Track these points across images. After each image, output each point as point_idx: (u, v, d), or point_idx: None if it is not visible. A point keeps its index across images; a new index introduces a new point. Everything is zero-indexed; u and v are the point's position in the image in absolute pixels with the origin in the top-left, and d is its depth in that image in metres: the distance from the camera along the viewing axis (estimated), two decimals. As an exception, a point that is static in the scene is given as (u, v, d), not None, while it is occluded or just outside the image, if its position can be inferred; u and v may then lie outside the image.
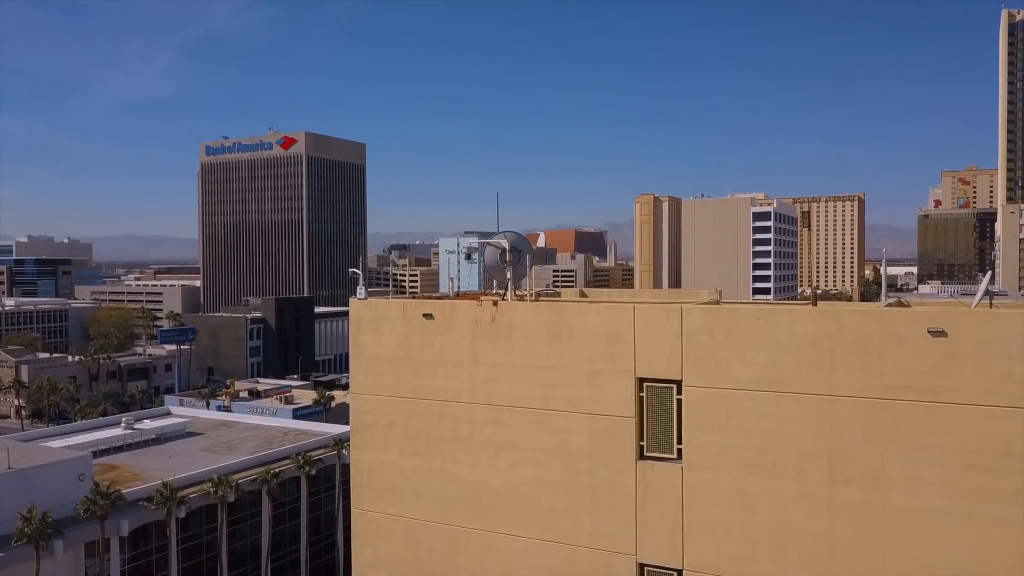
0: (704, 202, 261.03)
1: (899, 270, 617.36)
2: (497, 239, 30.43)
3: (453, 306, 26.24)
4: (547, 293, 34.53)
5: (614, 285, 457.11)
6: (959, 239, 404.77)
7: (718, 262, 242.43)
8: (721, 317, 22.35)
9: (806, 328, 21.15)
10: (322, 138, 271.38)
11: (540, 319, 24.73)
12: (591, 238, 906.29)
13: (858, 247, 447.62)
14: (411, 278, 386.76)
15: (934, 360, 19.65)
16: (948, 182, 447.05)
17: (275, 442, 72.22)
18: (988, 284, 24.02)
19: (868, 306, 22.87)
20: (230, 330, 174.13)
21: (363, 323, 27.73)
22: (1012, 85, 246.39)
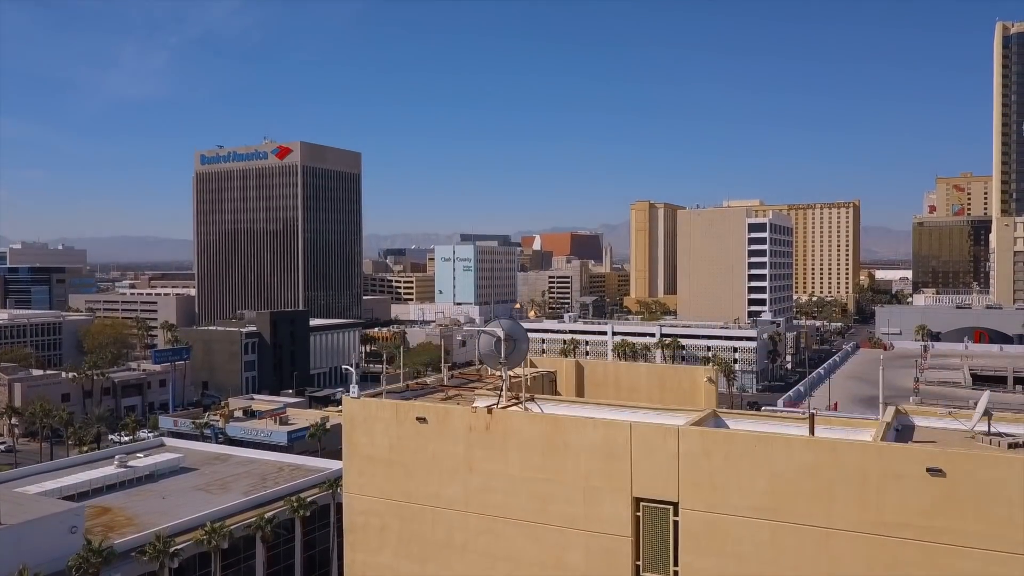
0: (699, 213, 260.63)
1: (894, 274, 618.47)
2: (492, 327, 30.21)
3: (447, 411, 25.99)
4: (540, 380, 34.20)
5: (609, 292, 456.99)
6: (953, 246, 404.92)
7: (714, 273, 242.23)
8: (718, 441, 22.15)
9: (804, 458, 20.96)
10: (317, 148, 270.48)
11: (535, 431, 24.50)
12: (587, 241, 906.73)
13: (853, 253, 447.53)
14: (406, 285, 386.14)
15: (932, 499, 19.47)
16: (943, 188, 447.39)
17: (269, 479, 71.68)
18: (987, 404, 23.91)
19: (866, 437, 22.61)
20: (225, 344, 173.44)
21: (356, 422, 27.47)
22: (1006, 97, 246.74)
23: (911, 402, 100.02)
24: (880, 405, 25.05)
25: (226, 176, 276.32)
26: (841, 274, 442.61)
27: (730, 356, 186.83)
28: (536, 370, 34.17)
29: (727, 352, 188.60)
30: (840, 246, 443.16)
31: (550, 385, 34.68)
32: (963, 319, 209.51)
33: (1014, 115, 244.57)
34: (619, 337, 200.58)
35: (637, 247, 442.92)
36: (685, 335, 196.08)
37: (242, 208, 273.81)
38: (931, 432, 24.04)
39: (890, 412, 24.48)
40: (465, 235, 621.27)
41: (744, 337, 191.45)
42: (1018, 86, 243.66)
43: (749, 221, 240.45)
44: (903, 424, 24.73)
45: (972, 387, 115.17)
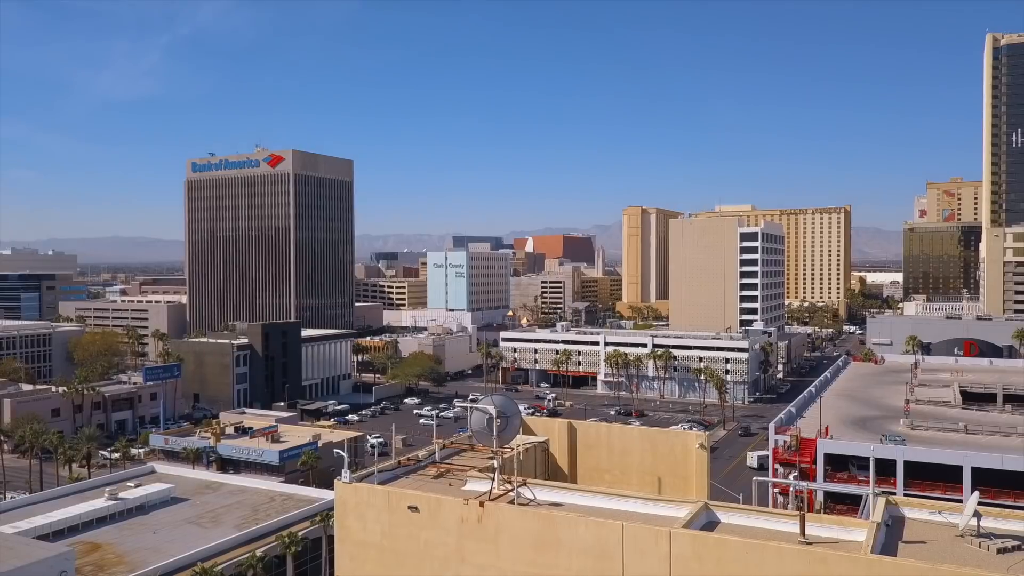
0: (692, 222, 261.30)
1: (885, 277, 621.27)
2: (484, 404, 30.19)
3: (439, 502, 25.94)
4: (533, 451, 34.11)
5: (601, 297, 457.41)
6: (944, 251, 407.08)
7: (706, 281, 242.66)
8: (710, 546, 22.18)
9: (795, 569, 21.01)
10: (310, 156, 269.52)
11: (528, 526, 24.49)
12: (579, 243, 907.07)
13: (844, 258, 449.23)
14: (399, 290, 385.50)
15: (923, 616, 19.53)
16: (933, 193, 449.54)
17: (261, 511, 71.54)
18: (976, 503, 24.01)
19: (858, 538, 22.67)
20: (216, 356, 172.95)
21: (348, 507, 27.41)
22: (996, 108, 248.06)
23: (902, 424, 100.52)
24: (871, 497, 25.14)
25: (218, 184, 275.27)
26: (832, 279, 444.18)
27: (722, 367, 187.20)
28: (528, 440, 34.14)
29: (719, 363, 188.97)
30: (831, 251, 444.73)
31: (543, 455, 34.67)
32: (953, 329, 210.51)
33: (1004, 125, 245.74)
34: (611, 347, 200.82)
35: (629, 252, 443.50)
36: (677, 345, 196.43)
37: (234, 216, 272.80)
38: (921, 528, 24.13)
39: (880, 507, 24.55)
40: (458, 237, 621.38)
41: (736, 348, 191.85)
42: (1008, 96, 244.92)
43: (741, 230, 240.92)
44: (893, 517, 24.81)
45: (962, 406, 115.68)
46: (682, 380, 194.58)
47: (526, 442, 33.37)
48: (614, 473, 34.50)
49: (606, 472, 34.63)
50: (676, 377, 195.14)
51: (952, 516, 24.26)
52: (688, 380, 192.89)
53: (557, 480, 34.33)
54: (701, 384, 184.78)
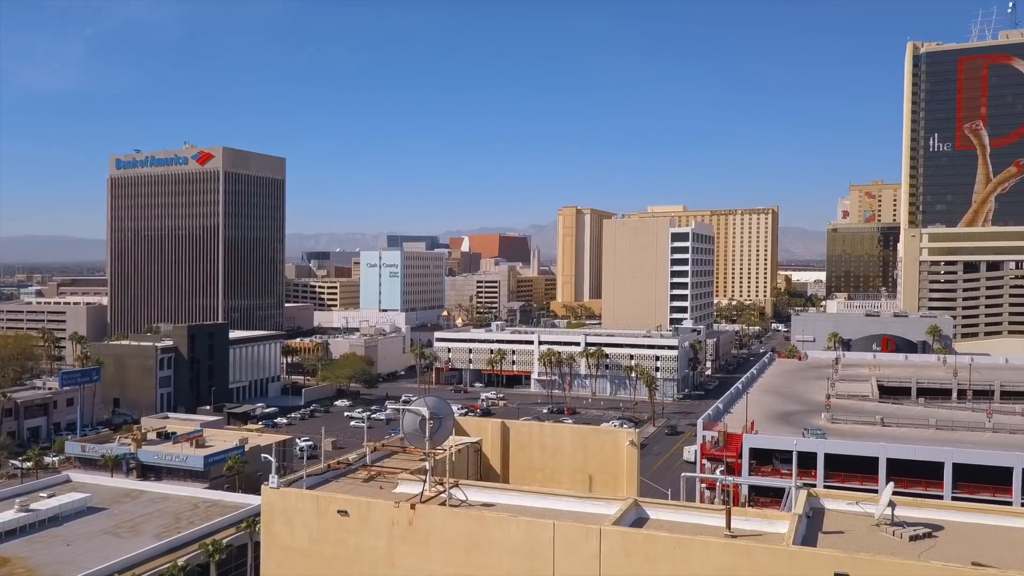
0: (624, 222, 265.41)
1: (809, 276, 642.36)
2: (416, 406, 29.94)
3: (369, 506, 25.62)
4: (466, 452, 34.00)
5: (537, 296, 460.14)
6: (864, 251, 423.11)
7: (638, 281, 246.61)
8: (639, 542, 22.49)
9: (721, 562, 21.48)
10: (240, 153, 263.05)
11: (459, 528, 24.39)
12: (515, 243, 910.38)
13: (771, 257, 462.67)
14: (330, 291, 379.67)
15: (841, 603, 20.18)
16: (856, 195, 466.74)
17: (183, 519, 69.38)
18: (892, 494, 24.99)
19: (780, 529, 23.33)
20: (138, 360, 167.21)
21: (275, 513, 26.81)
22: (915, 114, 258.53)
23: (823, 418, 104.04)
24: (793, 490, 25.91)
25: (143, 181, 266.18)
26: (760, 278, 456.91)
27: (652, 365, 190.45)
28: (461, 440, 34.00)
29: (649, 360, 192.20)
30: (759, 251, 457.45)
31: (476, 456, 34.60)
32: (872, 326, 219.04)
33: (922, 130, 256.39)
34: (545, 346, 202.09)
35: (564, 252, 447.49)
36: (609, 344, 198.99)
37: (159, 214, 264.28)
38: (840, 519, 24.96)
39: (802, 499, 25.31)
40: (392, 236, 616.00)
41: (666, 346, 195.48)
42: (926, 102, 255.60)
43: (672, 231, 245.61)
44: (814, 509, 25.60)
45: (879, 400, 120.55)
46: (614, 378, 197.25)
47: (459, 443, 33.24)
48: (546, 472, 34.68)
49: (538, 471, 34.79)
50: (608, 375, 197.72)
51: (868, 506, 25.18)
52: (619, 378, 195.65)
53: (490, 480, 34.33)
54: (632, 382, 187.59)
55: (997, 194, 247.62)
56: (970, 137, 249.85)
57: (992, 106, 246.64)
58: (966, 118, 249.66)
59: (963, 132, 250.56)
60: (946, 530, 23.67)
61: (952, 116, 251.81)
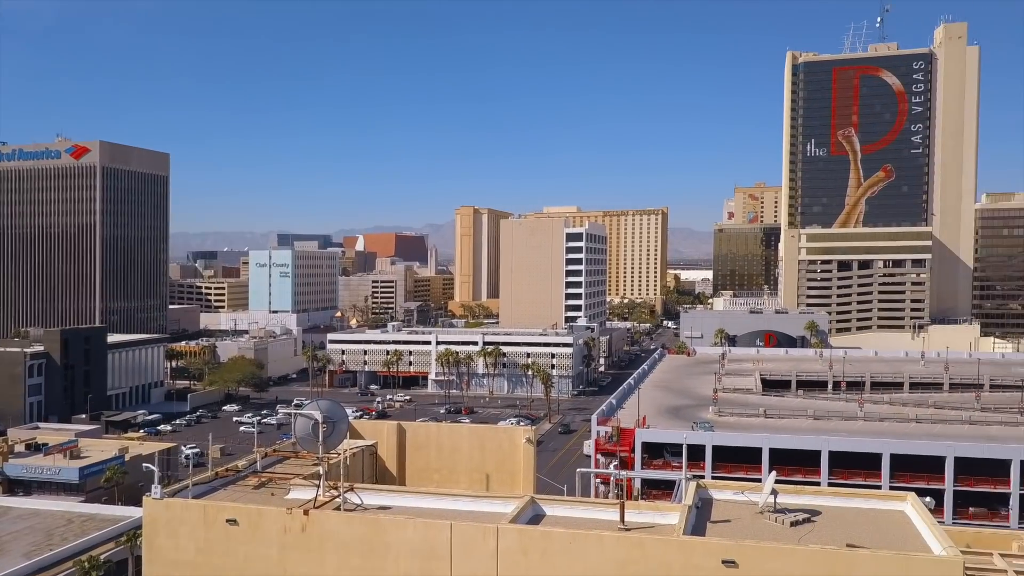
0: (521, 222, 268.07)
1: (697, 275, 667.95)
2: (309, 410, 29.17)
3: (260, 513, 24.77)
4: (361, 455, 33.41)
5: (435, 296, 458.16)
6: (748, 250, 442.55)
7: (534, 280, 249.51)
8: (536, 539, 22.68)
9: (615, 554, 21.92)
10: (120, 148, 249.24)
11: (354, 532, 23.92)
12: (412, 242, 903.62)
13: (661, 256, 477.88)
14: (217, 292, 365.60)
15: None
16: (740, 197, 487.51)
17: (56, 535, 65.13)
18: (775, 482, 26.19)
19: (672, 521, 24.04)
20: (5, 367, 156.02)
21: (159, 525, 25.55)
22: (794, 120, 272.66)
23: (710, 411, 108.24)
24: (683, 482, 26.76)
25: (10, 176, 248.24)
26: (650, 277, 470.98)
27: (548, 362, 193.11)
28: (356, 444, 33.37)
29: (545, 358, 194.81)
30: (650, 250, 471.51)
31: (371, 459, 34.06)
32: (756, 323, 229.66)
33: (800, 135, 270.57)
34: (443, 346, 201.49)
35: (462, 252, 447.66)
36: (507, 343, 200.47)
37: (29, 211, 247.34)
38: (727, 508, 25.95)
39: (691, 491, 26.17)
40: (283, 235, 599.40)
41: (561, 344, 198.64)
42: (804, 109, 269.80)
43: (567, 231, 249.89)
44: (703, 499, 26.51)
45: (762, 393, 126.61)
46: (511, 376, 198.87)
47: (353, 446, 32.63)
48: (443, 472, 34.53)
49: (435, 472, 34.60)
50: (505, 373, 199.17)
51: (753, 495, 26.29)
52: (516, 376, 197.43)
53: (386, 483, 33.89)
54: (529, 379, 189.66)
55: (867, 197, 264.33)
56: (843, 143, 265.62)
57: (863, 115, 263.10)
58: (840, 125, 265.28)
59: (837, 139, 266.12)
60: (823, 515, 25.01)
61: (827, 123, 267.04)
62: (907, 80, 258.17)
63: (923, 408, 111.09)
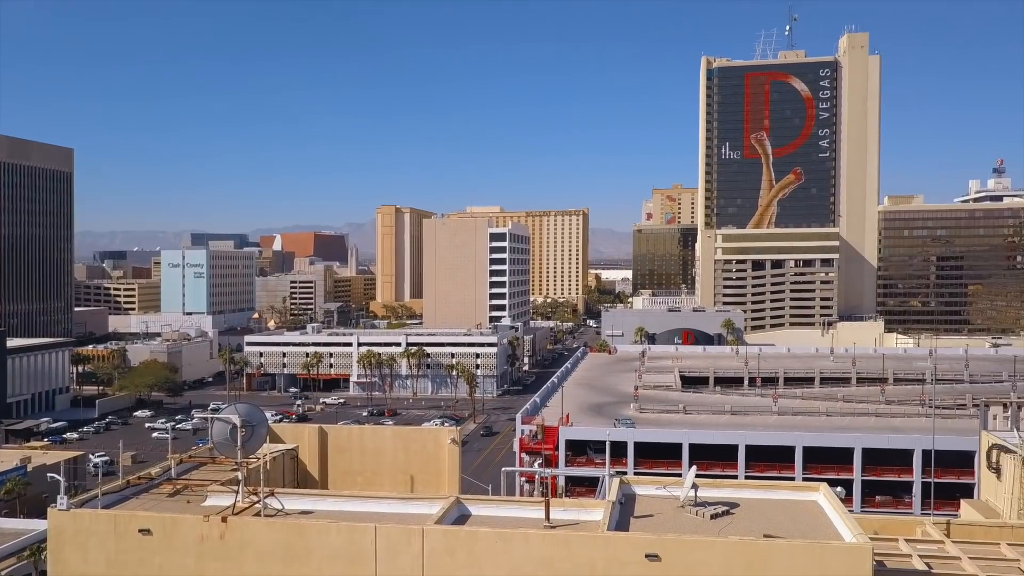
0: (444, 222, 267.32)
1: (618, 274, 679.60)
2: (227, 414, 28.29)
3: (175, 521, 23.84)
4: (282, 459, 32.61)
5: (355, 296, 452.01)
6: (666, 250, 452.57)
7: (458, 279, 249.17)
8: (462, 539, 22.57)
9: (541, 553, 22.02)
10: (19, 142, 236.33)
11: (275, 538, 23.28)
12: (332, 241, 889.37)
13: (582, 256, 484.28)
14: (127, 293, 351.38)
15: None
16: (658, 198, 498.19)
17: (-48, 552, 61.47)
18: (695, 477, 26.80)
19: (596, 516, 24.30)
20: None
21: (65, 537, 24.30)
22: (709, 123, 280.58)
23: (632, 408, 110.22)
24: (607, 478, 27.10)
25: None
26: (572, 276, 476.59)
27: (472, 362, 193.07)
28: (276, 447, 32.53)
29: (470, 358, 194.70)
30: (572, 251, 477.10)
31: (292, 463, 33.28)
32: (674, 321, 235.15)
33: (716, 139, 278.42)
34: (365, 348, 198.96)
35: (383, 251, 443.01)
36: (430, 343, 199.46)
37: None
38: (649, 503, 26.41)
39: (615, 487, 26.52)
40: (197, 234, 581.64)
41: (485, 343, 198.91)
42: (719, 113, 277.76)
43: (491, 231, 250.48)
44: (626, 495, 26.91)
45: (681, 389, 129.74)
46: (435, 377, 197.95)
47: (273, 451, 31.81)
48: (367, 475, 34.04)
49: (359, 475, 34.08)
50: (429, 374, 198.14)
51: (674, 489, 26.85)
52: (440, 376, 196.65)
53: (308, 487, 33.20)
54: (453, 380, 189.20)
55: (779, 199, 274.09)
56: (756, 147, 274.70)
57: (774, 119, 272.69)
58: (752, 129, 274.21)
59: (750, 142, 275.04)
60: (742, 507, 25.73)
61: (741, 127, 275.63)
62: (815, 87, 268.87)
63: (833, 402, 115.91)
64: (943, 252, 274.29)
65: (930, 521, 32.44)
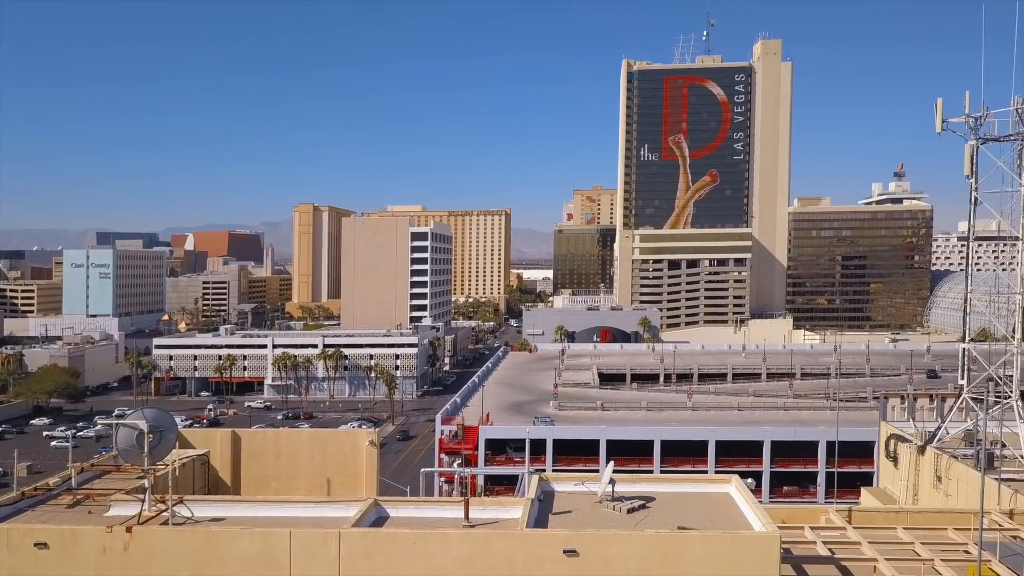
0: (364, 221, 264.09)
1: (539, 274, 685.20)
2: (133, 419, 27.13)
3: (74, 534, 22.69)
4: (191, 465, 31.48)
5: (271, 297, 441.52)
6: (586, 250, 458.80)
7: (378, 279, 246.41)
8: (380, 541, 22.26)
9: (460, 551, 21.94)
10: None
11: (184, 547, 22.43)
12: (247, 241, 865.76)
13: (504, 256, 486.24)
14: (25, 295, 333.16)
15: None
16: (579, 199, 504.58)
17: None
18: (612, 472, 27.21)
19: (515, 514, 24.38)
20: None
21: (-52, 554, 22.79)
22: (629, 126, 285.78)
23: (551, 406, 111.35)
24: (526, 476, 27.23)
25: None
26: (494, 276, 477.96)
27: (392, 363, 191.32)
28: (186, 453, 31.38)
29: (389, 360, 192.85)
30: (493, 250, 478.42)
31: (202, 469, 32.18)
32: (593, 319, 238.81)
33: (635, 140, 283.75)
34: (280, 350, 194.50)
35: (301, 251, 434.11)
36: (348, 344, 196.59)
37: None
38: (568, 499, 26.67)
39: (534, 484, 26.67)
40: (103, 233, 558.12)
41: (405, 344, 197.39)
42: (638, 115, 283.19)
43: (412, 230, 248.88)
44: (545, 492, 27.09)
45: (599, 387, 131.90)
46: (353, 379, 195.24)
47: (183, 456, 30.68)
48: (282, 480, 33.25)
49: (273, 479, 33.25)
50: (347, 376, 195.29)
51: (592, 485, 27.18)
52: (359, 378, 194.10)
53: (220, 494, 32.17)
54: (372, 381, 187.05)
55: (695, 200, 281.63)
56: (674, 149, 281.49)
57: (692, 122, 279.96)
58: (671, 132, 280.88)
59: (668, 144, 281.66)
60: (657, 500, 26.26)
61: (659, 129, 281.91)
62: (730, 91, 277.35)
63: (744, 397, 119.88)
64: (848, 252, 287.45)
65: (833, 509, 33.84)
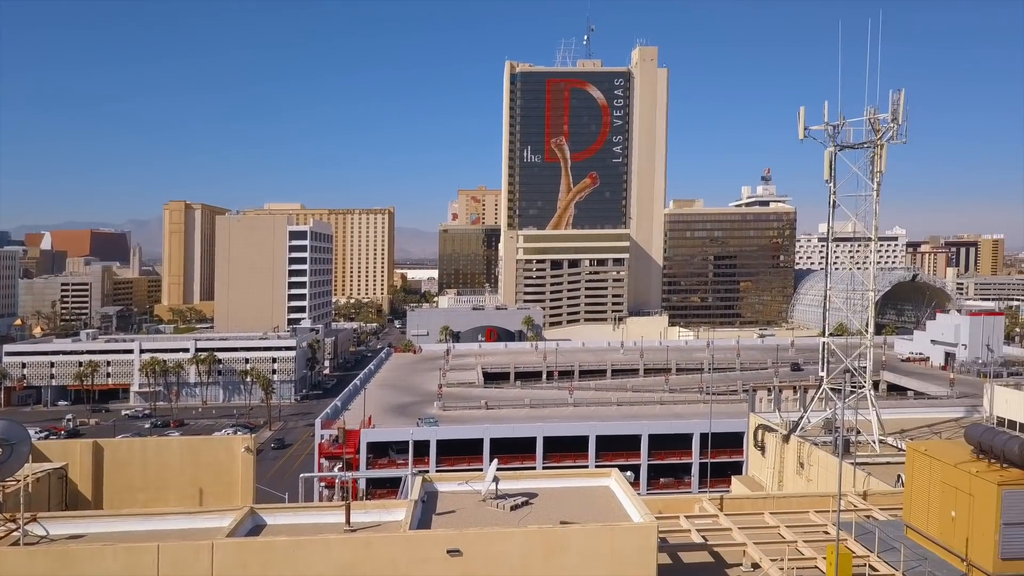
0: (240, 219, 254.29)
1: (424, 274, 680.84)
2: (-22, 432, 24.99)
3: (-91, 559, 20.65)
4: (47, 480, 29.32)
5: (138, 299, 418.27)
6: (471, 250, 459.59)
7: (254, 280, 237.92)
8: (256, 551, 21.47)
9: (341, 557, 21.47)
10: None
11: (39, 568, 20.89)
12: (111, 240, 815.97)
13: (388, 256, 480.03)
14: None
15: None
16: (463, 199, 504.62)
17: None
18: (496, 470, 27.35)
19: (399, 516, 24.10)
20: None
21: None
22: (512, 128, 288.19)
23: (436, 407, 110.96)
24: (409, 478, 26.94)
25: None
26: (377, 276, 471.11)
27: (269, 367, 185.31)
28: (41, 467, 29.20)
29: (266, 363, 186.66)
30: (376, 250, 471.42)
31: (59, 483, 30.04)
32: (478, 319, 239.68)
33: (519, 142, 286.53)
34: (148, 355, 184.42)
35: (171, 250, 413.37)
36: (222, 348, 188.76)
37: None
38: (452, 499, 26.59)
39: (417, 486, 26.46)
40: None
41: (283, 347, 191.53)
42: (521, 117, 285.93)
43: (290, 229, 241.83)
44: (428, 493, 26.91)
45: (484, 385, 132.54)
46: (227, 384, 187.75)
47: (37, 471, 28.55)
48: (150, 492, 31.56)
49: (140, 492, 31.50)
50: (221, 381, 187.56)
51: (476, 484, 27.22)
52: (234, 383, 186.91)
53: (80, 510, 30.15)
54: (247, 386, 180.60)
55: (576, 201, 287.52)
56: (556, 151, 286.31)
57: (573, 125, 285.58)
58: (553, 134, 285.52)
59: (551, 146, 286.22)
60: (540, 496, 26.60)
61: (542, 131, 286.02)
62: (610, 95, 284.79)
63: (623, 392, 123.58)
64: (719, 252, 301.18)
65: (706, 498, 35.36)
